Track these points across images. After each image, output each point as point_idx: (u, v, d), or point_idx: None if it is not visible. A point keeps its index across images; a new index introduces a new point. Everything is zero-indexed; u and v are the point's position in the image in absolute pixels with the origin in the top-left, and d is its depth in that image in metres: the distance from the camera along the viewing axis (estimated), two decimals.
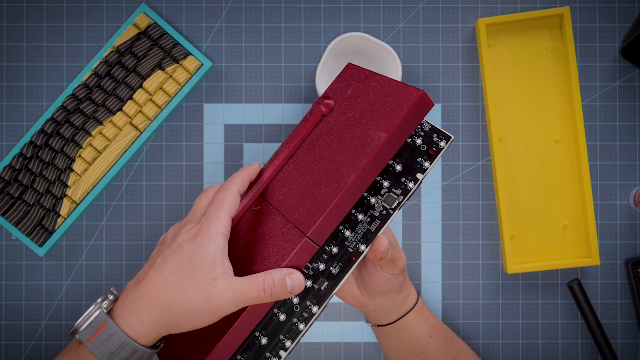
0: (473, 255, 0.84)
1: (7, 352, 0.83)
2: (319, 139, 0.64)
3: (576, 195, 0.83)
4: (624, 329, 0.84)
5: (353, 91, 0.65)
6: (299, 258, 0.57)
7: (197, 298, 0.55)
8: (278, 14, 0.85)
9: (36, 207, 0.81)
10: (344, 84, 0.67)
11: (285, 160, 0.65)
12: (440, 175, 0.84)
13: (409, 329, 0.73)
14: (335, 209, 0.57)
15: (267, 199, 0.64)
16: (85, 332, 0.56)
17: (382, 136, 0.57)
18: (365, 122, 0.60)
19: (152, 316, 0.56)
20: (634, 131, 0.84)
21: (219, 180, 0.84)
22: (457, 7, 0.84)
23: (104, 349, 0.55)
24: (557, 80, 0.83)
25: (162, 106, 0.82)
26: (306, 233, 0.57)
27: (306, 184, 0.61)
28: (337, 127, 0.63)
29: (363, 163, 0.57)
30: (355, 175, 0.57)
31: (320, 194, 0.59)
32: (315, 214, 0.58)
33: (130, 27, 0.83)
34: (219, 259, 0.56)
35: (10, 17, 0.85)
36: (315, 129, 0.65)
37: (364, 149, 0.58)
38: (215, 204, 0.59)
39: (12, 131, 0.84)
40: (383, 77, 0.63)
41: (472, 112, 0.84)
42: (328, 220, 0.57)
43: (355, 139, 0.60)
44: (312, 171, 0.61)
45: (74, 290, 0.84)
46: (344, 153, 0.60)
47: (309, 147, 0.64)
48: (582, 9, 0.84)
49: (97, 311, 0.56)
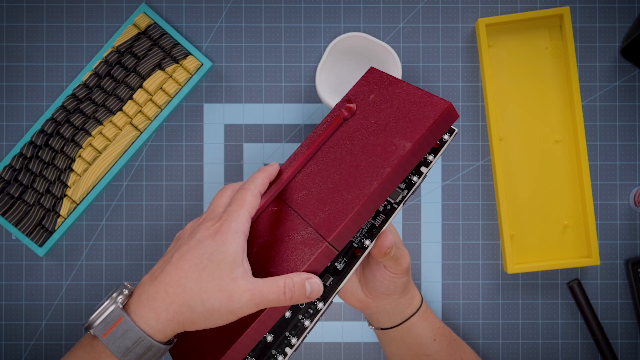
0: (473, 255, 0.84)
1: (7, 352, 0.83)
2: (340, 142, 0.64)
3: (576, 195, 0.83)
4: (624, 329, 0.84)
5: (376, 96, 0.64)
6: (318, 263, 0.57)
7: (217, 297, 0.54)
8: (278, 14, 0.85)
9: (36, 207, 0.81)
10: (367, 88, 0.66)
11: (304, 162, 0.65)
12: (440, 175, 0.84)
13: (413, 332, 0.73)
14: (356, 216, 0.57)
15: (285, 200, 0.64)
16: (100, 327, 0.55)
17: (407, 145, 0.57)
18: (389, 129, 0.60)
19: (170, 312, 0.55)
20: (634, 131, 0.84)
21: (219, 180, 0.84)
22: (457, 7, 0.84)
23: (120, 345, 0.54)
24: (557, 80, 0.83)
25: (162, 106, 0.82)
26: (327, 238, 0.57)
27: (327, 188, 0.61)
28: (360, 132, 0.63)
29: (387, 171, 0.57)
30: (379, 183, 0.57)
31: (341, 199, 0.59)
32: (336, 219, 0.57)
33: (130, 27, 0.83)
34: (239, 258, 0.56)
35: (10, 17, 0.85)
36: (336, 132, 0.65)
37: (388, 157, 0.58)
38: (236, 203, 0.59)
39: (12, 131, 0.84)
40: (408, 85, 0.62)
41: (472, 112, 0.84)
42: (349, 227, 0.57)
43: (379, 145, 0.59)
44: (332, 175, 0.61)
45: (74, 290, 0.84)
46: (367, 159, 0.59)
47: (330, 150, 0.64)
48: (582, 9, 0.84)
49: (112, 306, 0.55)
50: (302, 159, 0.65)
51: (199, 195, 0.84)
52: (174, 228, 0.84)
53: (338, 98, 0.82)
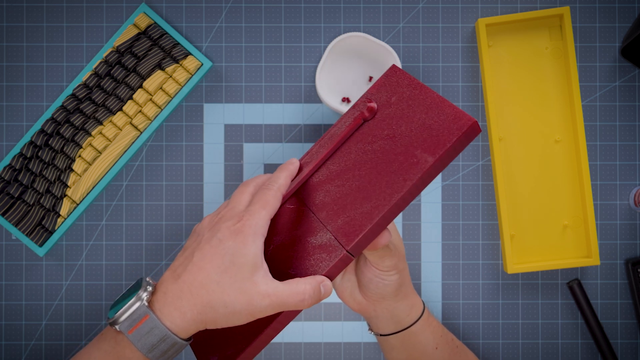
0: (473, 255, 0.84)
1: (7, 352, 0.83)
2: (360, 144, 0.64)
3: (576, 195, 0.83)
4: (624, 329, 0.84)
5: (397, 99, 0.64)
6: (336, 269, 0.59)
7: (238, 300, 0.56)
8: (278, 14, 0.85)
9: (36, 207, 0.81)
10: (388, 88, 0.66)
11: (322, 162, 0.65)
12: (440, 175, 0.84)
13: (414, 340, 0.72)
14: (375, 227, 0.58)
15: (302, 199, 0.64)
16: (126, 324, 0.56)
17: (429, 160, 0.57)
18: (411, 139, 0.60)
19: (194, 312, 0.56)
20: (634, 131, 0.84)
21: (219, 180, 0.84)
22: (457, 7, 0.84)
23: (145, 342, 0.56)
24: (557, 80, 0.83)
25: (162, 106, 0.82)
26: (346, 247, 0.58)
27: (346, 193, 0.61)
28: (381, 137, 0.62)
29: (408, 185, 0.57)
30: (399, 196, 0.57)
31: (361, 208, 0.59)
32: (355, 229, 0.58)
33: (130, 27, 0.83)
34: (259, 260, 0.57)
35: (10, 17, 0.85)
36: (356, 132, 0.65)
37: (409, 169, 0.58)
38: (259, 203, 0.59)
39: (12, 131, 0.84)
40: (431, 92, 0.62)
41: (472, 112, 0.84)
42: (367, 236, 0.58)
43: (401, 155, 0.60)
44: (352, 180, 0.62)
45: (74, 290, 0.84)
46: (388, 169, 0.60)
47: (349, 151, 0.64)
48: (582, 9, 0.84)
49: (137, 303, 0.57)
50: (321, 157, 0.65)
51: (199, 195, 0.84)
52: (174, 228, 0.84)
53: (338, 98, 0.82)
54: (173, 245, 0.84)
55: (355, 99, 0.82)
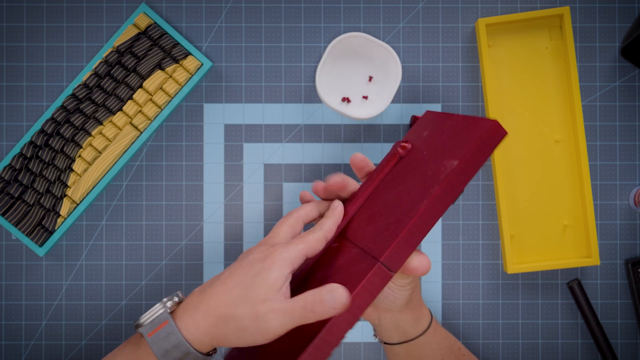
0: (473, 255, 0.84)
1: (7, 352, 0.83)
2: (396, 177, 0.65)
3: (576, 195, 0.83)
4: (624, 329, 0.84)
5: (429, 132, 0.66)
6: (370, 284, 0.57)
7: (245, 314, 0.57)
8: (278, 14, 0.85)
9: (36, 207, 0.81)
10: (422, 127, 0.69)
11: (363, 201, 0.67)
12: None
13: (419, 351, 0.71)
14: (408, 235, 0.57)
15: (345, 236, 0.65)
16: (147, 327, 0.59)
17: (454, 163, 0.58)
18: (439, 154, 0.61)
19: (208, 324, 0.58)
20: (634, 131, 0.84)
21: (219, 180, 0.84)
22: (457, 7, 0.84)
23: (161, 346, 0.58)
24: (557, 80, 0.83)
25: (162, 106, 0.82)
26: (379, 258, 0.58)
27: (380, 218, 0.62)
28: (412, 164, 0.64)
29: (435, 190, 0.58)
30: (428, 201, 0.57)
31: (393, 222, 0.60)
32: (388, 241, 0.58)
33: (130, 27, 0.83)
34: (280, 283, 0.57)
35: (10, 17, 0.85)
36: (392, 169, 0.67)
37: (436, 177, 0.59)
38: (299, 239, 0.61)
39: (12, 131, 0.84)
40: (458, 115, 0.63)
41: (472, 112, 0.84)
42: (401, 246, 0.57)
43: (429, 170, 0.61)
44: (387, 206, 0.63)
45: (74, 290, 0.84)
46: (418, 183, 0.61)
47: (386, 186, 0.66)
48: (582, 9, 0.84)
49: (161, 309, 0.59)
50: (363, 197, 0.67)
51: (199, 195, 0.84)
52: (174, 228, 0.84)
53: (338, 98, 0.82)
54: (173, 245, 0.84)
55: (355, 99, 0.82)
